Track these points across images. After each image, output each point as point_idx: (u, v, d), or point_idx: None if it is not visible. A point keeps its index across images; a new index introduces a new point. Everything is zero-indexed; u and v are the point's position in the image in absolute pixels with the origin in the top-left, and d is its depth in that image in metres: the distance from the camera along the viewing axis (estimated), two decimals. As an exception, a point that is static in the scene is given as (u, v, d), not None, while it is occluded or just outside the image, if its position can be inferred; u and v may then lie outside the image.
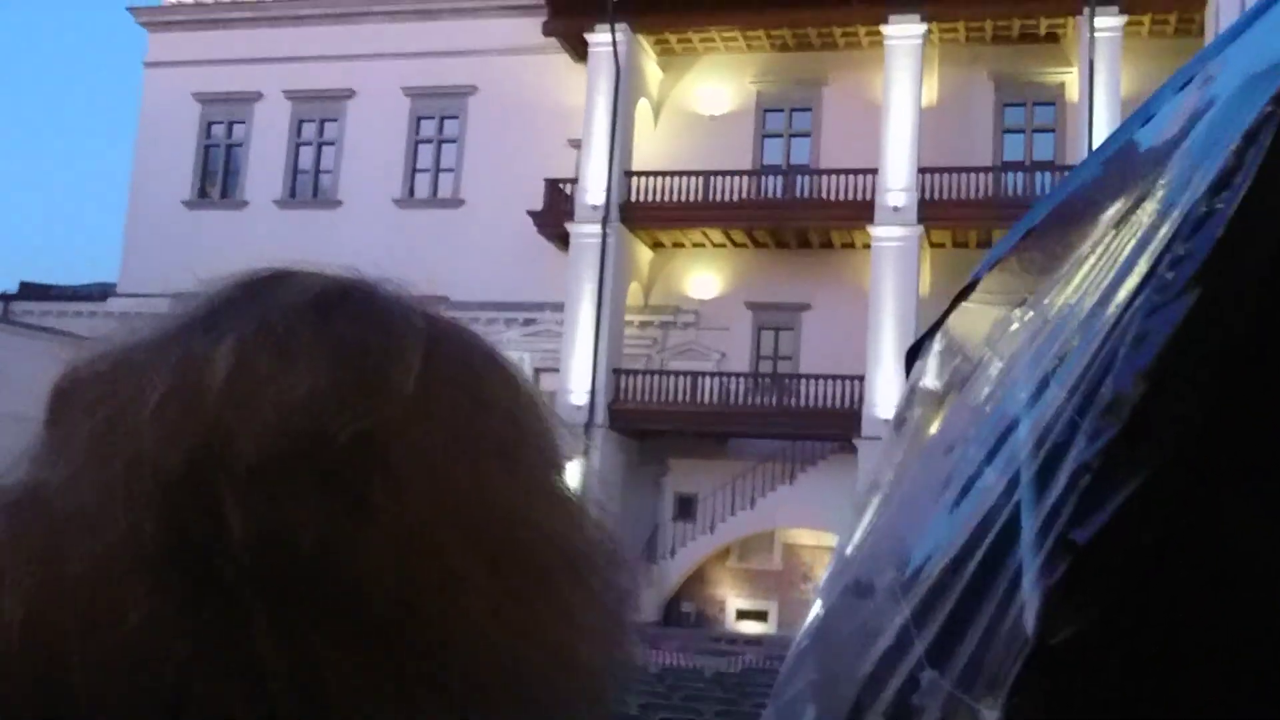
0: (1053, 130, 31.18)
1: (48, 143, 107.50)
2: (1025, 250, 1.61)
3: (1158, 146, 1.29)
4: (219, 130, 36.90)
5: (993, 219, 28.92)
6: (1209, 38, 27.94)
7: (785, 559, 30.83)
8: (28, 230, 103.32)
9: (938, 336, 1.83)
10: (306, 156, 36.30)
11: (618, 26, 30.76)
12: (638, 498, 30.84)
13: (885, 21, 29.77)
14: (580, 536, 0.53)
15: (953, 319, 1.79)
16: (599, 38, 31.01)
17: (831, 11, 30.45)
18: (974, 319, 1.70)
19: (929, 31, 29.83)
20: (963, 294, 1.74)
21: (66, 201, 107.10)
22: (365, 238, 33.49)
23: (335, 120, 35.77)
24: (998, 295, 1.68)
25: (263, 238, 34.34)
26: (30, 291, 37.42)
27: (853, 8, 30.14)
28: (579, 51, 32.15)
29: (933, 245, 30.10)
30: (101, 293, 36.29)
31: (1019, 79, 31.32)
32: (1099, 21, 28.41)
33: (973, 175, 29.75)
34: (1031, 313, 1.36)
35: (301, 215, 35.50)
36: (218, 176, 36.98)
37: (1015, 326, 1.40)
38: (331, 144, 35.91)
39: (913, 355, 1.93)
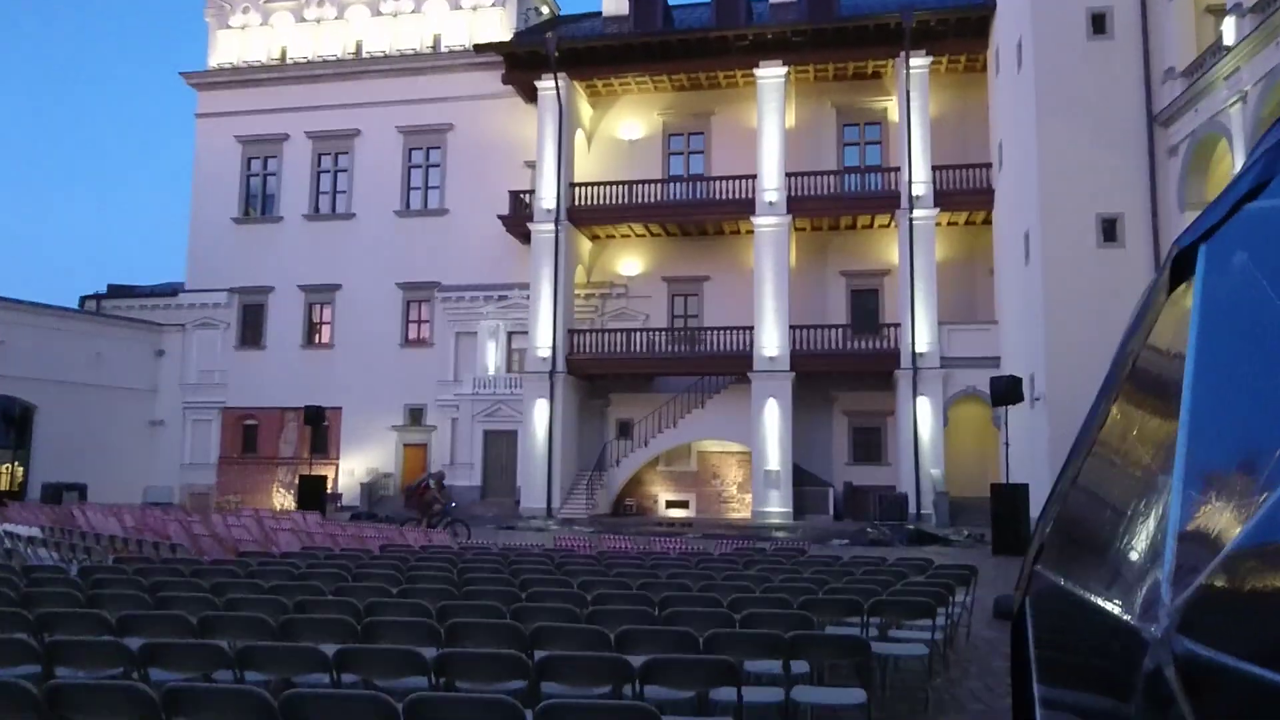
0: (879, 143, 34.33)
1: (119, 175, 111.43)
2: None
3: None
4: (256, 164, 39.05)
5: (840, 208, 32.68)
6: (990, 73, 32.06)
7: (699, 463, 33.64)
8: (109, 243, 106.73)
9: None
10: (326, 182, 38.47)
11: (559, 76, 33.44)
12: (590, 424, 34.04)
13: (756, 66, 32.72)
14: None
15: None
16: (545, 85, 33.58)
17: (716, 60, 33.37)
18: None
19: (788, 73, 32.84)
20: (1251, 194, 1.13)
21: (138, 220, 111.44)
22: (375, 241, 37.02)
23: (346, 153, 38.13)
24: None
25: (295, 244, 37.87)
26: (116, 291, 39.36)
27: (732, 57, 33.06)
28: (530, 95, 34.68)
29: (797, 230, 33.08)
30: (172, 290, 38.74)
31: (854, 106, 34.47)
32: (912, 62, 31.49)
33: (824, 177, 32.71)
34: None
35: (325, 226, 38.02)
36: (258, 199, 39.11)
37: None
38: (345, 171, 38.18)
39: (1186, 261, 1.29)
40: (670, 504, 33.61)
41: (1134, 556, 1.40)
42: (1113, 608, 1.36)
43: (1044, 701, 1.68)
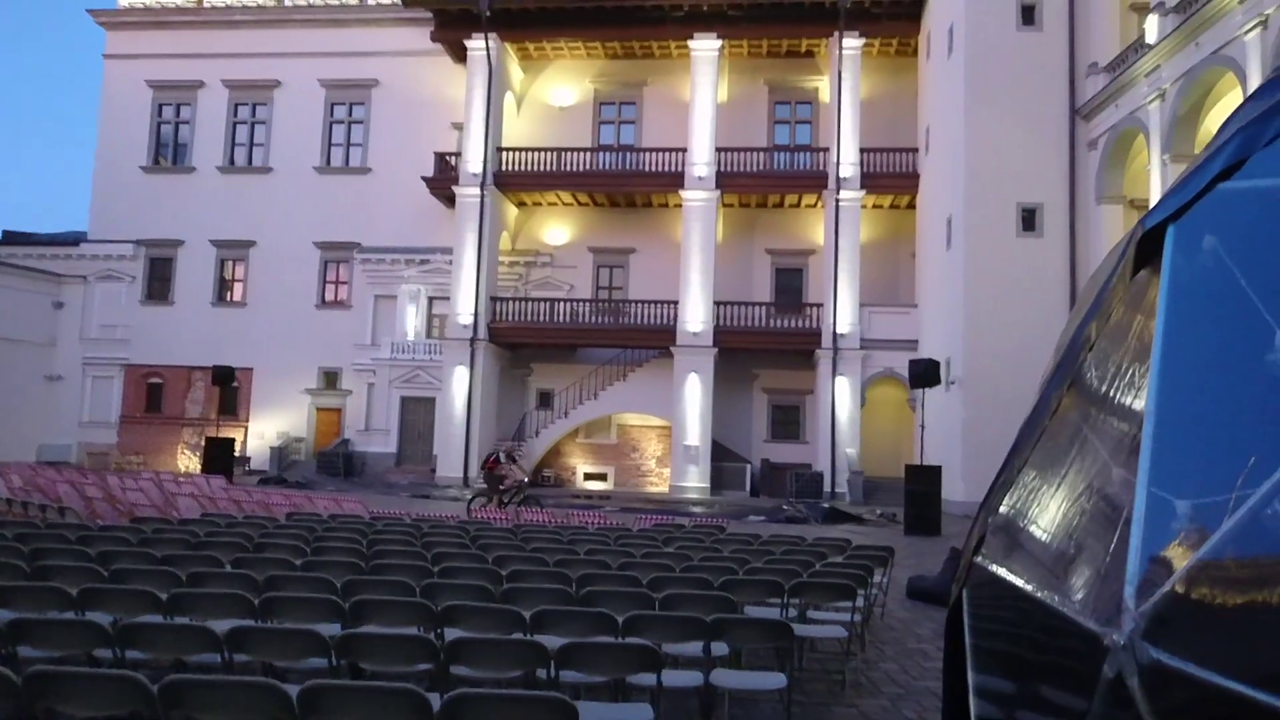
0: (810, 122, 34.23)
1: (18, 115, 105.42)
2: None
3: None
4: (169, 111, 37.17)
5: (768, 186, 32.43)
6: (921, 57, 32.23)
7: (619, 435, 33.46)
8: (4, 187, 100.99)
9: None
10: (243, 133, 36.83)
11: (490, 36, 32.54)
12: (510, 393, 33.47)
13: (691, 38, 32.25)
14: None
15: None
16: (476, 44, 32.65)
17: (650, 29, 32.79)
18: None
19: (722, 47, 32.44)
20: (1227, 173, 1.17)
21: (36, 163, 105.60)
22: (293, 197, 35.65)
23: (265, 105, 36.54)
24: None
25: (208, 197, 36.23)
26: (13, 238, 37.08)
27: (666, 27, 32.52)
28: (459, 54, 33.74)
29: (725, 206, 32.96)
30: (74, 240, 36.66)
31: (786, 84, 34.32)
32: (845, 42, 31.46)
33: (754, 154, 32.51)
34: None
35: (240, 179, 36.42)
36: (169, 148, 37.23)
37: None
38: (263, 123, 36.59)
39: (1151, 242, 1.26)
40: (589, 476, 33.38)
41: (1090, 557, 1.30)
42: (1064, 608, 1.26)
43: (979, 690, 1.64)
